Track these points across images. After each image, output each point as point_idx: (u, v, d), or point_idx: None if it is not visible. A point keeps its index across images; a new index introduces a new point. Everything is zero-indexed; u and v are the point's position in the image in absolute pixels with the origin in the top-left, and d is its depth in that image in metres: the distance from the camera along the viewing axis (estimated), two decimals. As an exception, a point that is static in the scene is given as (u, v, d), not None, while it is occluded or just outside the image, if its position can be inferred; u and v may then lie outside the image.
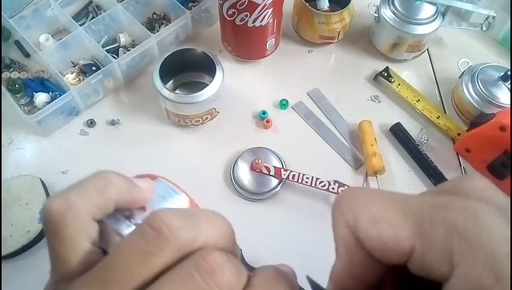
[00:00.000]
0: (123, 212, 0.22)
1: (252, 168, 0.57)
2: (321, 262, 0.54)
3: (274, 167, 0.57)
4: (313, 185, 0.55)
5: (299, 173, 0.56)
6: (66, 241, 0.19)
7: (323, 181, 0.55)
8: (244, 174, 0.57)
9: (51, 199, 0.20)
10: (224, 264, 0.18)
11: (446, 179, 0.58)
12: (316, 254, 0.53)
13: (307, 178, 0.56)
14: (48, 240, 0.20)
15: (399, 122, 0.62)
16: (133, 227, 0.22)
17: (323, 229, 0.56)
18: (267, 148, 0.59)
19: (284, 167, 0.58)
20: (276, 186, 0.57)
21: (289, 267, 0.21)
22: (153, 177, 0.25)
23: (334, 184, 0.55)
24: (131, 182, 0.22)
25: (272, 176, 0.57)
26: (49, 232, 0.19)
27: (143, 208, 0.23)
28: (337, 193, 0.55)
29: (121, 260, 0.17)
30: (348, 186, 0.55)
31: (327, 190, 0.55)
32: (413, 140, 0.61)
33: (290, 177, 0.56)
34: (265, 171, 0.57)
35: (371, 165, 0.57)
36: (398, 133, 0.62)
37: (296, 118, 0.64)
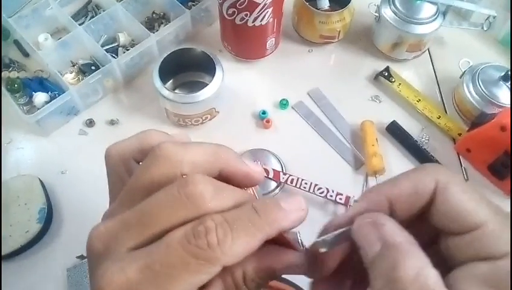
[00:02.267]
0: None
1: (251, 169, 0.57)
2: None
3: (273, 169, 0.57)
4: (311, 191, 0.55)
5: (298, 178, 0.56)
6: (110, 168, 0.27)
7: (321, 188, 0.55)
8: (244, 175, 0.57)
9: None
10: (200, 181, 0.22)
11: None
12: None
13: (305, 183, 0.55)
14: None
15: (394, 120, 0.62)
16: None
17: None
18: (267, 150, 0.59)
19: (284, 170, 0.57)
20: (274, 189, 0.57)
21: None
22: None
23: (332, 192, 0.55)
24: (166, 135, 0.28)
25: (270, 179, 0.57)
26: (106, 167, 0.27)
27: None
28: (335, 200, 0.55)
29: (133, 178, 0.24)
30: (346, 195, 0.55)
31: (325, 197, 0.55)
32: (410, 135, 0.61)
33: (289, 182, 0.56)
34: (264, 173, 0.57)
35: (371, 166, 0.57)
36: (395, 131, 0.61)
37: (296, 118, 0.64)
